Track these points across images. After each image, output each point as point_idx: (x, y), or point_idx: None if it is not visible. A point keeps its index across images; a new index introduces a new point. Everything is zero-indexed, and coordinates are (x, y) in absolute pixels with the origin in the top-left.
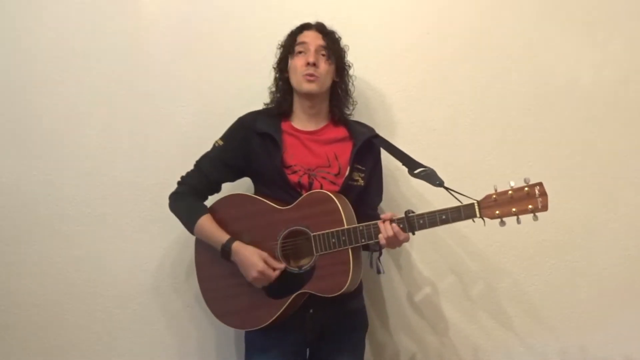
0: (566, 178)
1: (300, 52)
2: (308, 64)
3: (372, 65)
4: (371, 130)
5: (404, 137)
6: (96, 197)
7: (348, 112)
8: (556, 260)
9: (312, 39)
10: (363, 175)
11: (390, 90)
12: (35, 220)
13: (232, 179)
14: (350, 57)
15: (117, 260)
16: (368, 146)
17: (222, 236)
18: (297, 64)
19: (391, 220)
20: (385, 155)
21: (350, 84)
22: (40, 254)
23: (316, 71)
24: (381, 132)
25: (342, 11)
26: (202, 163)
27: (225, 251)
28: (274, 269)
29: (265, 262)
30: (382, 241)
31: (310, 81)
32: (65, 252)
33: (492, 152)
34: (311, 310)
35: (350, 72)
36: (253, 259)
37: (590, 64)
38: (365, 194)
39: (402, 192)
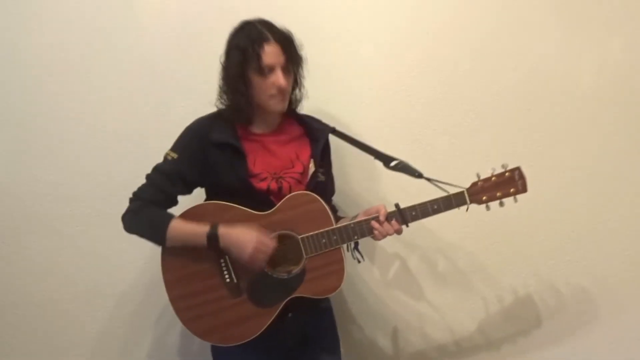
0: (566, 178)
1: (265, 74)
2: (280, 89)
3: (372, 65)
4: (325, 124)
5: (405, 137)
6: (96, 197)
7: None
8: (556, 261)
9: (276, 58)
10: (323, 170)
11: (390, 90)
12: (36, 220)
13: (189, 192)
14: (350, 58)
15: (117, 260)
16: (324, 140)
17: (204, 227)
18: (264, 85)
19: (388, 217)
20: (350, 149)
21: (303, 78)
22: (40, 254)
23: (285, 91)
24: (381, 132)
25: (341, 11)
26: (156, 177)
27: (213, 236)
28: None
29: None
30: (379, 237)
31: (280, 101)
32: (65, 252)
33: (491, 152)
34: (290, 314)
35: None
36: (246, 235)
37: (590, 64)
38: (325, 188)
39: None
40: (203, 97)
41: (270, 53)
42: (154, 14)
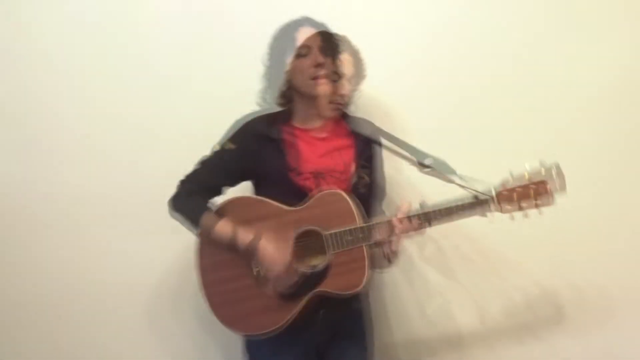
0: (566, 178)
1: (303, 54)
2: (318, 65)
3: (371, 66)
4: (372, 124)
5: (404, 138)
6: (97, 197)
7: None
8: (556, 261)
9: (311, 39)
10: (368, 171)
11: (390, 90)
12: (36, 220)
13: (234, 184)
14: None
15: (118, 261)
16: (370, 141)
17: (247, 234)
18: (304, 67)
19: (410, 217)
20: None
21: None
22: (41, 254)
23: (326, 68)
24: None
25: (341, 10)
26: (203, 168)
27: (253, 246)
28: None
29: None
30: (400, 237)
31: (323, 83)
32: (65, 252)
33: (491, 152)
34: (322, 312)
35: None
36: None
37: (590, 64)
38: (370, 190)
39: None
40: (206, 97)
41: (305, 34)
42: (157, 12)
